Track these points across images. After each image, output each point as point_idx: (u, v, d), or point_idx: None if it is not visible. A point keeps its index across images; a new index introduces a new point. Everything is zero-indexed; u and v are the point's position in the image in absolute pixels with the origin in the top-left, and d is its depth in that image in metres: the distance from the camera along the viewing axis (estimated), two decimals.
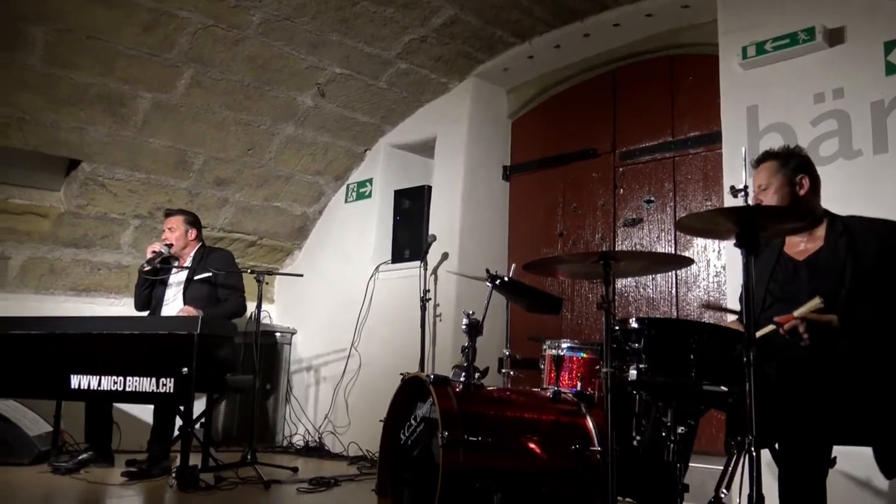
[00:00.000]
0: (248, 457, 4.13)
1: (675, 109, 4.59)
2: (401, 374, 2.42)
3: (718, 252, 4.22)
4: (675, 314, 4.38)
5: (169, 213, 4.54)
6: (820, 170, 3.50)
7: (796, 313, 2.36)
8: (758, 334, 2.40)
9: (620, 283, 4.67)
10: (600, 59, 4.99)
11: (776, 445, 2.34)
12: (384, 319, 5.35)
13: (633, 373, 2.16)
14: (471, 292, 4.98)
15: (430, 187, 5.43)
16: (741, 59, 3.83)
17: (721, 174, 4.04)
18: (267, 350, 5.75)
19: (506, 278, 2.51)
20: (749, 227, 2.07)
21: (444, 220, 5.25)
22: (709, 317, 4.13)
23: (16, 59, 4.14)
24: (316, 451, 5.37)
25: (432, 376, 2.22)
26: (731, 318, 2.82)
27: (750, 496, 1.99)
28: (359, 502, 3.43)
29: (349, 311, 5.53)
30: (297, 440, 5.62)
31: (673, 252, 4.45)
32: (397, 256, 5.46)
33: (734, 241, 2.14)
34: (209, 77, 4.69)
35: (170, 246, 4.36)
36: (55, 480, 3.90)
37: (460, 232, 5.15)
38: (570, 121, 5.16)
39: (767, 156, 2.71)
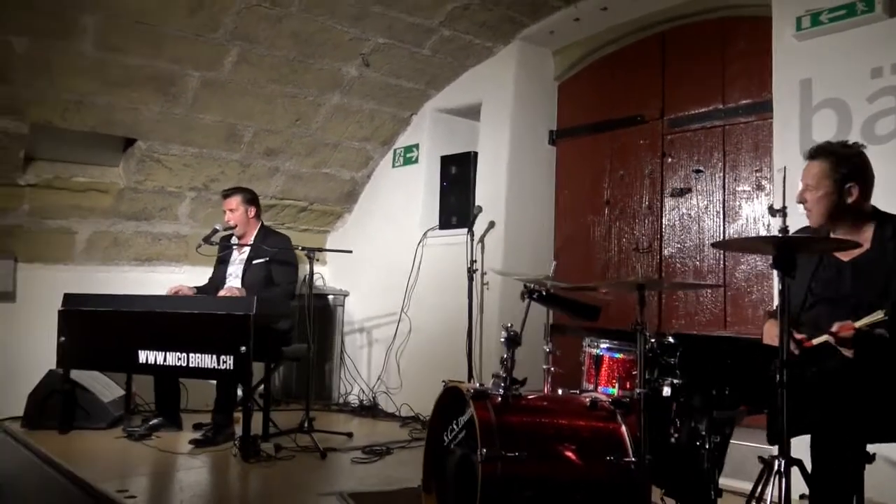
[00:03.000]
0: (306, 425, 4.37)
1: (726, 75, 4.45)
2: (443, 381, 2.53)
3: (768, 227, 4.16)
4: (723, 280, 4.37)
5: (227, 195, 4.65)
6: (876, 150, 3.43)
7: (857, 324, 2.34)
8: (814, 342, 2.41)
9: (667, 249, 4.67)
10: (649, 20, 4.83)
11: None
12: (433, 286, 5.47)
13: (667, 390, 2.22)
14: (518, 258, 5.06)
15: (476, 153, 5.43)
16: (795, 30, 3.69)
17: (772, 143, 3.95)
18: (321, 312, 5.95)
19: (543, 292, 2.57)
20: (785, 252, 2.07)
21: (490, 186, 5.27)
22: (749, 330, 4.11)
23: (70, 46, 4.26)
24: (370, 410, 5.61)
25: (472, 390, 2.32)
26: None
27: None
28: (408, 474, 3.57)
29: (398, 275, 5.65)
30: (353, 399, 5.87)
31: (721, 223, 4.42)
32: (445, 223, 5.53)
33: (771, 262, 2.15)
34: (255, 53, 4.74)
35: (234, 227, 4.54)
36: (129, 447, 4.22)
37: (506, 199, 5.17)
38: (617, 85, 5.05)
39: (822, 152, 2.59)
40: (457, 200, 5.47)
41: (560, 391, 2.73)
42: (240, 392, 4.26)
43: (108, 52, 4.39)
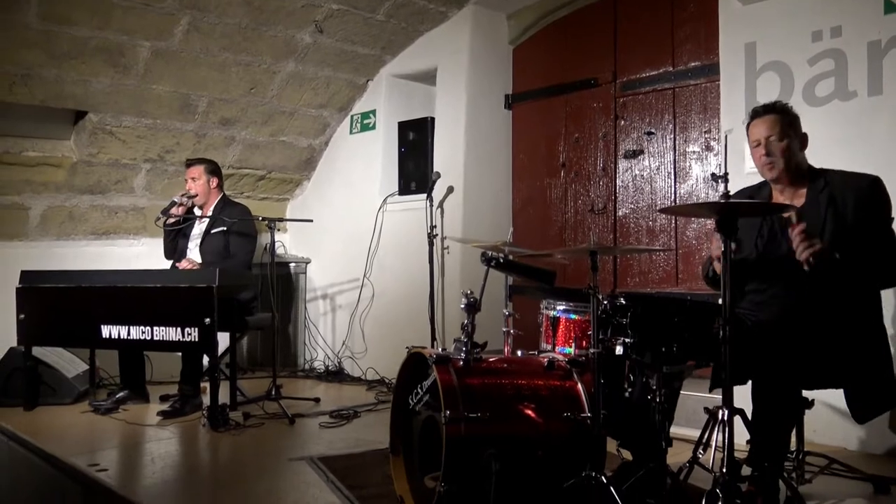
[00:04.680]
0: (273, 392, 4.44)
1: (676, 39, 4.53)
2: (406, 347, 2.62)
3: (716, 188, 4.30)
4: (673, 244, 4.52)
5: (190, 163, 4.66)
6: (815, 111, 3.60)
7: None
8: (785, 215, 2.59)
9: (622, 210, 4.81)
10: None
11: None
12: (394, 251, 5.53)
13: (619, 349, 2.34)
14: (477, 222, 5.15)
15: (433, 119, 5.46)
16: None
17: (720, 105, 4.07)
18: (283, 280, 6.00)
19: (501, 259, 2.66)
20: (727, 216, 2.19)
21: (447, 151, 5.32)
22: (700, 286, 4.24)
23: (13, 18, 4.15)
24: (336, 375, 5.70)
25: (434, 355, 2.42)
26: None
27: (722, 460, 2.22)
28: (375, 436, 3.69)
29: (360, 242, 5.70)
30: (318, 365, 5.95)
31: (672, 183, 4.56)
32: (404, 188, 5.57)
33: (715, 226, 2.27)
34: (206, 22, 4.68)
35: (193, 196, 4.53)
36: (97, 421, 4.22)
37: (464, 164, 5.23)
38: (571, 48, 5.11)
39: (775, 109, 2.77)
40: (415, 166, 5.51)
41: (519, 352, 2.85)
42: (205, 362, 4.30)
43: (55, 23, 4.30)
